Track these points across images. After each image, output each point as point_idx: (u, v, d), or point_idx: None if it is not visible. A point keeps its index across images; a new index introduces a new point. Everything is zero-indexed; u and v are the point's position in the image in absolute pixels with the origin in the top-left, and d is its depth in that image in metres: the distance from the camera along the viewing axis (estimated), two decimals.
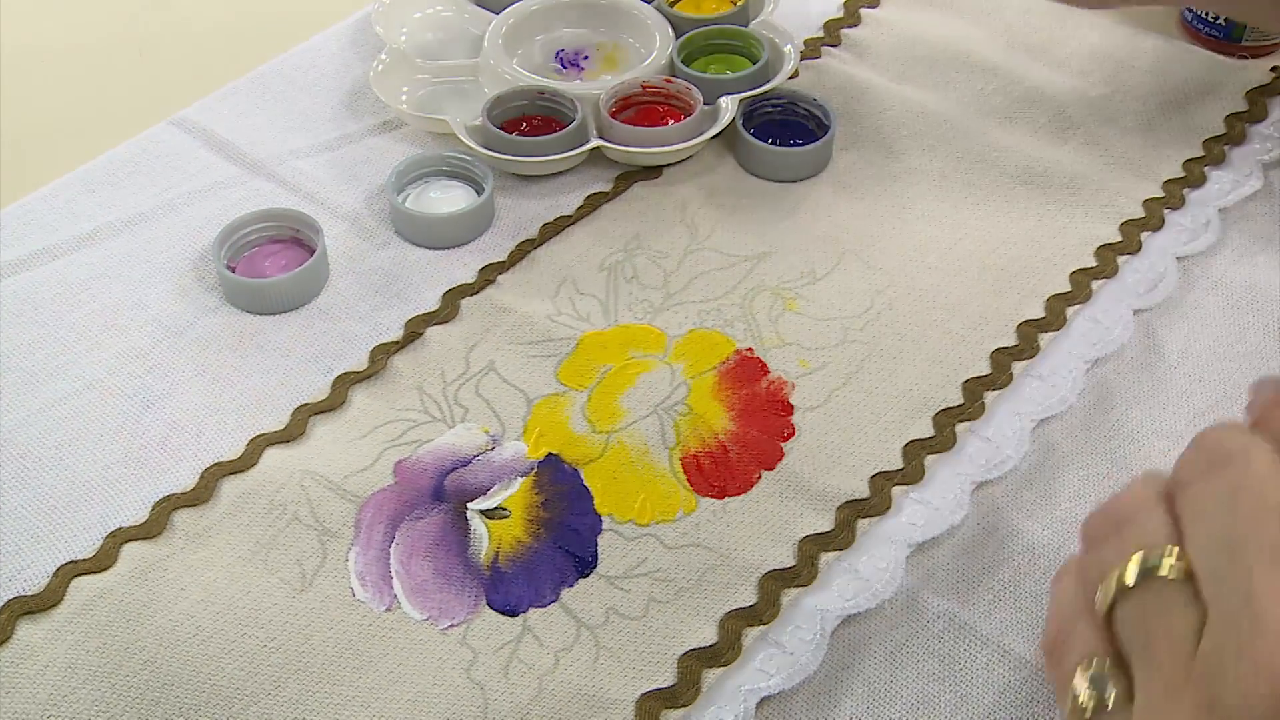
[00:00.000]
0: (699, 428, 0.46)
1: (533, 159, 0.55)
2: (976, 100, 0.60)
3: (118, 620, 0.40)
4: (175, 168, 0.57)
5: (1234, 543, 0.29)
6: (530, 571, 0.42)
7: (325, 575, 0.42)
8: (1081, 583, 0.33)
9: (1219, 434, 0.33)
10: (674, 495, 0.44)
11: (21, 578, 0.41)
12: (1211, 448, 0.32)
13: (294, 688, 0.39)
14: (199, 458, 0.45)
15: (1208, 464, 0.32)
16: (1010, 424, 0.46)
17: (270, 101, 0.61)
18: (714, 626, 0.40)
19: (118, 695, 0.38)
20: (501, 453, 0.45)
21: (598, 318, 0.50)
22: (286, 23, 0.67)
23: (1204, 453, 0.32)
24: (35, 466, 0.45)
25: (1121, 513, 0.33)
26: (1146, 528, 0.32)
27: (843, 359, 0.48)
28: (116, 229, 0.54)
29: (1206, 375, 0.48)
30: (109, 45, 0.67)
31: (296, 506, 0.43)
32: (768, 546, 0.42)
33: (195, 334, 0.50)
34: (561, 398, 0.47)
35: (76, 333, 0.50)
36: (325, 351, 0.49)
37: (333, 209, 0.55)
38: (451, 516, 0.43)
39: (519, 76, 0.58)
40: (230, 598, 0.41)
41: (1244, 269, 0.52)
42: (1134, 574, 0.31)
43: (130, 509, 0.44)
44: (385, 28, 0.62)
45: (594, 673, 0.39)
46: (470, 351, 0.49)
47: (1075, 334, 0.49)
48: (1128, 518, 0.32)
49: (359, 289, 0.52)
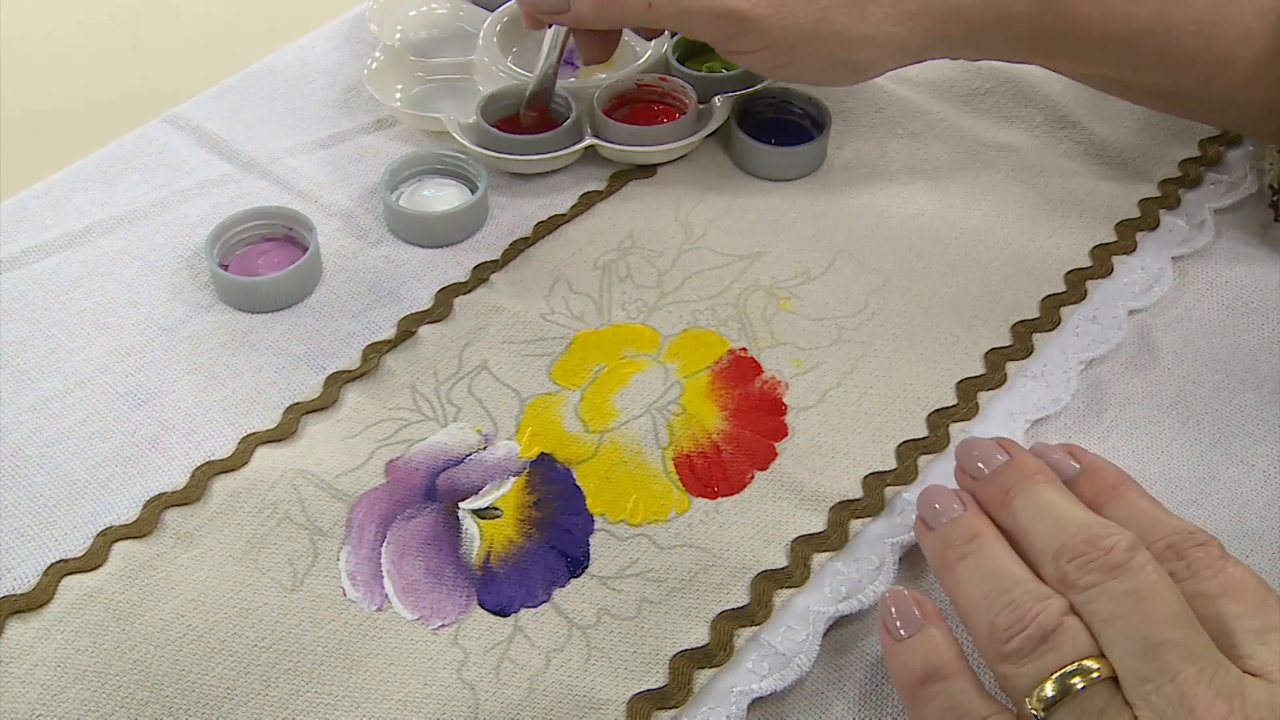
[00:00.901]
0: (692, 427, 0.46)
1: (527, 157, 0.55)
2: (972, 99, 0.60)
3: (108, 619, 0.40)
4: (168, 165, 0.57)
5: (1152, 647, 0.32)
6: (522, 571, 0.41)
7: (316, 575, 0.41)
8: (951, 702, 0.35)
9: (1103, 537, 0.35)
10: (666, 495, 0.44)
11: (11, 576, 0.41)
12: (1098, 548, 0.34)
13: (284, 687, 0.39)
14: (190, 456, 0.45)
15: (1103, 568, 0.34)
16: (1004, 424, 0.46)
17: (264, 99, 0.61)
18: (706, 627, 0.40)
19: (108, 694, 0.38)
20: (494, 452, 0.45)
21: (591, 317, 0.50)
22: (280, 20, 0.67)
23: (1093, 552, 0.34)
24: (26, 464, 0.45)
25: (1038, 628, 0.34)
26: (1071, 641, 0.33)
27: (837, 359, 0.48)
28: (109, 226, 0.54)
29: (1201, 376, 0.48)
30: (102, 43, 0.67)
31: (288, 505, 0.43)
32: (760, 547, 0.42)
33: (187, 332, 0.50)
34: (554, 397, 0.47)
35: (68, 330, 0.50)
36: (317, 350, 0.49)
37: (326, 207, 0.55)
38: (443, 516, 0.43)
39: (513, 74, 0.58)
40: (221, 597, 0.41)
41: (1239, 270, 0.52)
42: (1063, 687, 0.32)
43: (121, 508, 0.43)
44: (379, 25, 0.62)
45: (585, 673, 0.39)
46: (463, 350, 0.49)
47: (1070, 334, 0.49)
48: (1048, 633, 0.33)
49: (352, 287, 0.52)
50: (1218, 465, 0.45)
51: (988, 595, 0.35)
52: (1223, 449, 0.45)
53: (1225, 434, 0.46)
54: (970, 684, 0.35)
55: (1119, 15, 0.47)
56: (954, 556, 0.37)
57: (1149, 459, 0.45)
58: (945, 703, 0.34)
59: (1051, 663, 0.33)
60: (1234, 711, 0.30)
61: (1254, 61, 0.47)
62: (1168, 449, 0.45)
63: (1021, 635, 0.34)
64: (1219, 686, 0.31)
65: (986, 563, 0.36)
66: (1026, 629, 0.34)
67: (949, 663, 0.35)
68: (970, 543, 0.37)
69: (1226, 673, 0.31)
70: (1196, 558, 0.34)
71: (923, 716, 0.35)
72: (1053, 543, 0.35)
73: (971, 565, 0.36)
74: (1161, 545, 0.35)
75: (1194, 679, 0.31)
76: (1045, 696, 0.32)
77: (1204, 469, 0.45)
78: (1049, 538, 0.35)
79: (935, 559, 0.38)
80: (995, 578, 0.35)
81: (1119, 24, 0.47)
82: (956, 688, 0.35)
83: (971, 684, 0.35)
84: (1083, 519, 0.36)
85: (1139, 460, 0.45)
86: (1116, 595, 0.33)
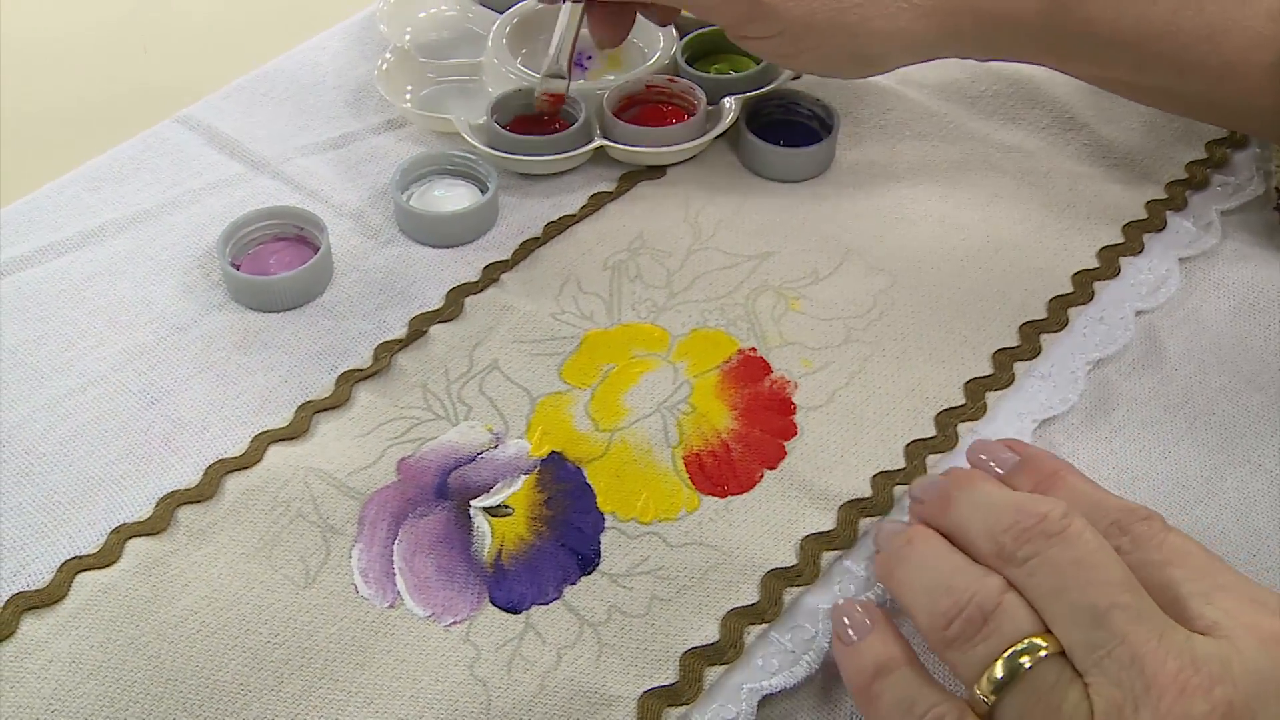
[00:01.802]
0: (702, 426, 0.46)
1: (537, 158, 0.55)
2: (979, 101, 0.60)
3: (121, 616, 0.40)
4: (180, 165, 0.58)
5: (1099, 614, 0.32)
6: (533, 569, 0.42)
7: (328, 572, 0.42)
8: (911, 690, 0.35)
9: (1035, 506, 0.35)
10: (676, 494, 0.44)
11: (25, 573, 0.42)
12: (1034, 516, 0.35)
13: (297, 684, 0.39)
14: (203, 454, 0.45)
15: (1041, 535, 0.34)
16: (1012, 425, 0.46)
17: (275, 100, 0.61)
18: (716, 624, 0.40)
19: (121, 690, 0.38)
20: (505, 450, 0.45)
21: (601, 317, 0.50)
22: (292, 21, 0.68)
23: (1027, 521, 0.35)
24: (39, 462, 0.45)
25: (976, 609, 0.34)
26: (1012, 619, 0.33)
27: (845, 359, 0.48)
28: (121, 226, 0.55)
29: (1208, 377, 0.48)
30: (114, 43, 0.67)
31: (300, 503, 0.43)
32: (770, 545, 0.42)
33: (199, 331, 0.50)
34: (565, 396, 0.47)
35: (80, 329, 0.50)
36: (329, 349, 0.49)
37: (337, 207, 0.55)
38: (455, 514, 0.43)
39: (523, 76, 0.59)
40: (234, 594, 0.41)
41: (1246, 271, 0.52)
42: (1011, 668, 0.33)
43: (134, 505, 0.44)
44: (390, 27, 0.62)
45: (596, 670, 0.39)
46: (474, 350, 0.49)
47: (1077, 335, 0.49)
48: (987, 613, 0.34)
49: (363, 287, 0.52)
50: (1224, 465, 0.45)
51: (927, 588, 0.36)
52: (1229, 449, 0.45)
53: (1232, 434, 0.46)
54: (919, 674, 0.35)
55: (1129, 18, 0.47)
56: (894, 562, 0.38)
57: (1156, 459, 0.45)
58: (895, 694, 0.35)
59: (996, 645, 0.33)
60: (1184, 667, 0.30)
61: (1265, 66, 0.47)
62: (1174, 449, 0.46)
63: (961, 618, 0.34)
64: (1168, 644, 0.31)
65: (924, 559, 0.37)
66: (965, 610, 0.34)
67: (896, 656, 0.36)
68: (907, 545, 0.38)
69: (1174, 631, 0.32)
70: (1140, 531, 0.35)
71: (875, 712, 0.35)
72: (988, 524, 0.36)
73: (911, 565, 0.37)
74: (1106, 523, 0.36)
75: (1143, 639, 0.31)
76: (995, 679, 0.33)
77: (1210, 469, 0.45)
78: (985, 521, 0.36)
79: (881, 573, 0.39)
80: (932, 570, 0.36)
81: (1129, 27, 0.47)
82: (905, 678, 0.35)
83: (920, 674, 0.35)
84: (1016, 497, 0.37)
85: (1146, 460, 0.45)
86: (1058, 565, 0.33)
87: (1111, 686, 0.31)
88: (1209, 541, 0.42)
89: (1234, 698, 0.30)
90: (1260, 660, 0.31)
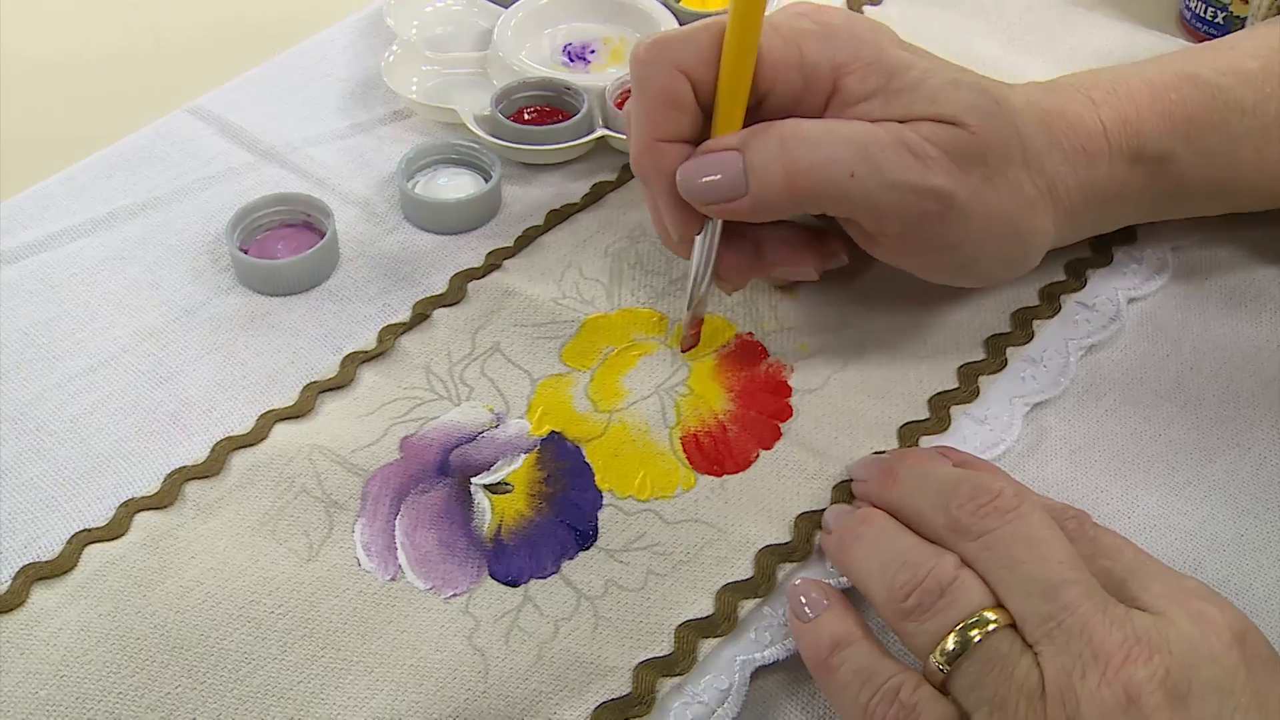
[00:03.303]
0: (699, 408, 0.47)
1: (540, 147, 0.56)
2: None
3: (129, 586, 0.41)
4: (190, 154, 0.59)
5: (1052, 587, 0.34)
6: (532, 544, 0.42)
7: (332, 545, 0.43)
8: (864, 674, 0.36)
9: (990, 483, 0.37)
10: (674, 472, 0.45)
11: (37, 545, 0.43)
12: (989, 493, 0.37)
13: (300, 652, 0.40)
14: (210, 432, 0.46)
15: (997, 512, 0.36)
16: (1004, 408, 0.47)
17: (284, 91, 0.62)
18: (710, 598, 0.41)
19: (128, 657, 0.39)
20: (505, 430, 0.46)
21: (601, 301, 0.51)
22: (301, 15, 0.69)
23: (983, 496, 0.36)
24: (50, 439, 0.46)
25: (934, 582, 0.36)
26: (967, 593, 0.35)
27: (840, 344, 0.49)
28: (132, 212, 0.56)
29: (1200, 362, 0.49)
30: (127, 35, 0.68)
31: (305, 479, 0.44)
32: (764, 523, 0.43)
33: (208, 314, 0.51)
34: (565, 378, 0.48)
35: (91, 311, 0.51)
36: (335, 331, 0.50)
37: (344, 195, 0.56)
38: (456, 490, 0.44)
39: (527, 68, 0.60)
40: (239, 566, 0.42)
41: (1238, 257, 0.53)
42: (963, 640, 0.34)
43: (143, 480, 0.45)
44: (397, 20, 0.63)
45: (593, 641, 0.40)
46: (476, 333, 0.50)
47: (1070, 320, 0.50)
48: (944, 586, 0.35)
49: (368, 272, 0.53)
50: (1215, 448, 0.46)
51: (883, 564, 0.37)
52: (1219, 432, 0.46)
53: (1222, 418, 0.47)
54: (875, 648, 0.37)
55: (1219, 167, 0.48)
56: (849, 540, 0.39)
57: (1146, 441, 0.46)
58: (852, 667, 0.36)
59: (951, 617, 0.35)
60: (1128, 637, 0.33)
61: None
62: (1164, 432, 0.46)
63: (919, 590, 0.35)
64: (1112, 617, 0.33)
65: (880, 537, 0.38)
66: (923, 583, 0.36)
67: (851, 630, 0.37)
68: (863, 524, 0.39)
69: (1116, 607, 0.34)
70: (1071, 528, 0.37)
71: (833, 685, 0.37)
72: (942, 498, 0.37)
73: (866, 543, 0.39)
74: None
75: (1092, 611, 0.33)
76: (947, 650, 0.34)
77: (1201, 452, 0.46)
78: (938, 496, 0.38)
79: (833, 552, 0.41)
80: (889, 547, 0.38)
81: (1221, 176, 0.48)
82: (861, 651, 0.36)
83: (876, 648, 0.37)
84: (968, 474, 0.39)
85: (1137, 443, 0.46)
86: (1013, 540, 0.35)
87: (1061, 655, 0.33)
88: (1198, 521, 0.43)
89: (1171, 665, 0.32)
90: (1192, 633, 0.33)
